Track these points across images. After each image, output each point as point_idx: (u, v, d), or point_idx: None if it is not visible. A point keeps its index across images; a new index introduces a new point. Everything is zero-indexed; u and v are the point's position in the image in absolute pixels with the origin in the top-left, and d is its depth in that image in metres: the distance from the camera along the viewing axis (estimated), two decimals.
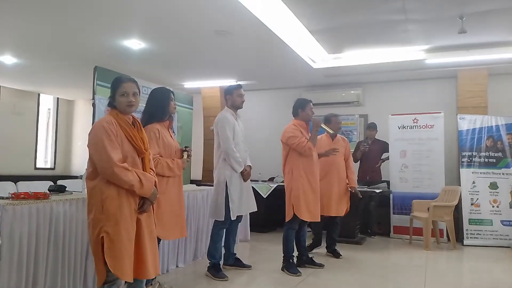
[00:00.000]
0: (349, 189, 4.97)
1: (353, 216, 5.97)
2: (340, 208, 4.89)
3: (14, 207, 2.68)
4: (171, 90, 3.47)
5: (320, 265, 4.44)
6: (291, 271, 4.14)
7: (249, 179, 4.22)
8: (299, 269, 4.20)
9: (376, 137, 6.72)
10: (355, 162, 6.63)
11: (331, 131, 4.52)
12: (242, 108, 4.26)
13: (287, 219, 4.18)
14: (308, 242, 4.89)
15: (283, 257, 4.25)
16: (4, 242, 2.59)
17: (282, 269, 4.22)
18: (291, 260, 4.22)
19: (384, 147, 6.62)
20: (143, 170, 2.55)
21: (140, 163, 2.55)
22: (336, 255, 4.92)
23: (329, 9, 4.58)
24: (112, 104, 2.59)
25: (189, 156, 3.43)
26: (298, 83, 7.67)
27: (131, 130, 2.51)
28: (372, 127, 6.68)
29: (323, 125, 4.29)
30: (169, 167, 3.21)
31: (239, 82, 7.34)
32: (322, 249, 5.15)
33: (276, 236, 6.25)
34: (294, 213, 4.11)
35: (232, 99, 4.19)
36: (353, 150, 6.57)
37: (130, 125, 2.54)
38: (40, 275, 2.82)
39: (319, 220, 4.33)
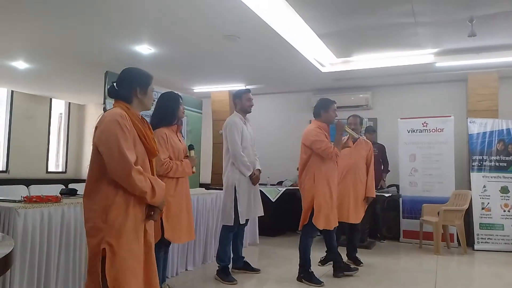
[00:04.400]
0: (366, 197, 4.73)
1: (362, 220, 5.95)
2: (358, 215, 4.69)
3: (26, 210, 2.72)
4: (179, 94, 3.50)
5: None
6: (313, 281, 3.90)
7: (257, 183, 4.25)
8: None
9: (378, 141, 6.73)
10: None
11: (355, 135, 4.35)
12: (251, 112, 4.29)
13: (303, 226, 3.99)
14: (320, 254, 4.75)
15: (300, 266, 4.04)
16: (17, 245, 2.62)
17: (300, 280, 3.99)
18: (310, 270, 3.99)
19: (384, 149, 6.62)
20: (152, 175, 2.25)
21: (149, 167, 2.24)
22: (357, 262, 4.73)
23: (337, 13, 4.59)
24: (127, 97, 2.21)
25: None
26: (307, 87, 7.67)
27: (144, 128, 2.18)
28: (371, 130, 6.63)
29: (347, 129, 4.09)
30: (183, 169, 3.26)
31: (247, 86, 7.38)
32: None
33: (285, 240, 6.25)
34: (310, 221, 3.89)
35: (241, 103, 4.22)
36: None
37: (142, 122, 2.21)
38: (51, 278, 2.86)
39: (336, 225, 4.13)
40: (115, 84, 2.25)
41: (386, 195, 5.79)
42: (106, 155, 2.04)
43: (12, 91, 8.44)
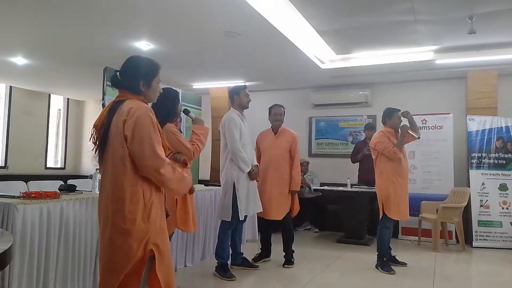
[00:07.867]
0: (291, 191, 4.54)
1: (361, 217, 5.97)
2: (280, 211, 4.52)
3: (25, 206, 2.72)
4: (177, 90, 3.52)
5: (402, 264, 4.67)
6: (385, 269, 4.37)
7: (256, 179, 4.26)
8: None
9: None
10: (354, 163, 6.64)
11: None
12: (248, 108, 4.30)
13: (380, 218, 4.49)
14: (257, 251, 4.82)
15: (377, 255, 4.49)
16: (16, 241, 2.62)
17: (376, 267, 4.47)
18: (385, 259, 4.45)
19: None
20: None
21: None
22: (288, 262, 4.55)
23: (337, 10, 4.58)
24: (136, 90, 2.09)
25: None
26: (306, 84, 7.66)
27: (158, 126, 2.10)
28: (371, 127, 6.63)
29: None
30: (203, 142, 3.32)
31: (247, 83, 7.36)
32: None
33: None
34: (384, 212, 4.41)
35: (239, 99, 4.24)
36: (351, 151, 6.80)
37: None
38: (50, 274, 2.86)
39: (408, 219, 4.75)
40: (118, 73, 2.14)
41: None
42: (138, 151, 1.96)
43: (11, 87, 8.41)
